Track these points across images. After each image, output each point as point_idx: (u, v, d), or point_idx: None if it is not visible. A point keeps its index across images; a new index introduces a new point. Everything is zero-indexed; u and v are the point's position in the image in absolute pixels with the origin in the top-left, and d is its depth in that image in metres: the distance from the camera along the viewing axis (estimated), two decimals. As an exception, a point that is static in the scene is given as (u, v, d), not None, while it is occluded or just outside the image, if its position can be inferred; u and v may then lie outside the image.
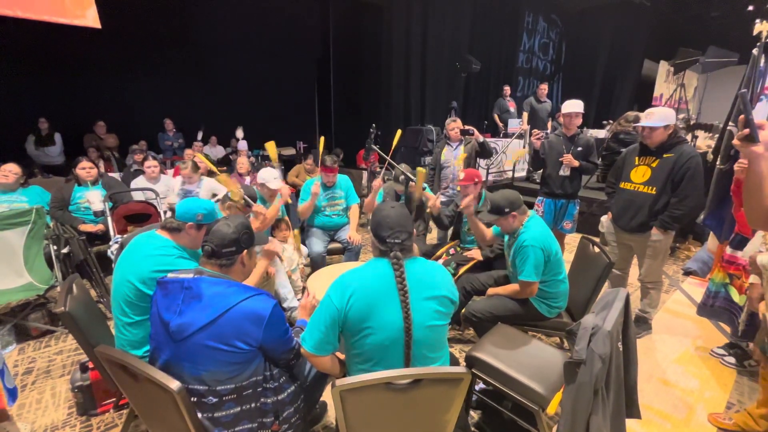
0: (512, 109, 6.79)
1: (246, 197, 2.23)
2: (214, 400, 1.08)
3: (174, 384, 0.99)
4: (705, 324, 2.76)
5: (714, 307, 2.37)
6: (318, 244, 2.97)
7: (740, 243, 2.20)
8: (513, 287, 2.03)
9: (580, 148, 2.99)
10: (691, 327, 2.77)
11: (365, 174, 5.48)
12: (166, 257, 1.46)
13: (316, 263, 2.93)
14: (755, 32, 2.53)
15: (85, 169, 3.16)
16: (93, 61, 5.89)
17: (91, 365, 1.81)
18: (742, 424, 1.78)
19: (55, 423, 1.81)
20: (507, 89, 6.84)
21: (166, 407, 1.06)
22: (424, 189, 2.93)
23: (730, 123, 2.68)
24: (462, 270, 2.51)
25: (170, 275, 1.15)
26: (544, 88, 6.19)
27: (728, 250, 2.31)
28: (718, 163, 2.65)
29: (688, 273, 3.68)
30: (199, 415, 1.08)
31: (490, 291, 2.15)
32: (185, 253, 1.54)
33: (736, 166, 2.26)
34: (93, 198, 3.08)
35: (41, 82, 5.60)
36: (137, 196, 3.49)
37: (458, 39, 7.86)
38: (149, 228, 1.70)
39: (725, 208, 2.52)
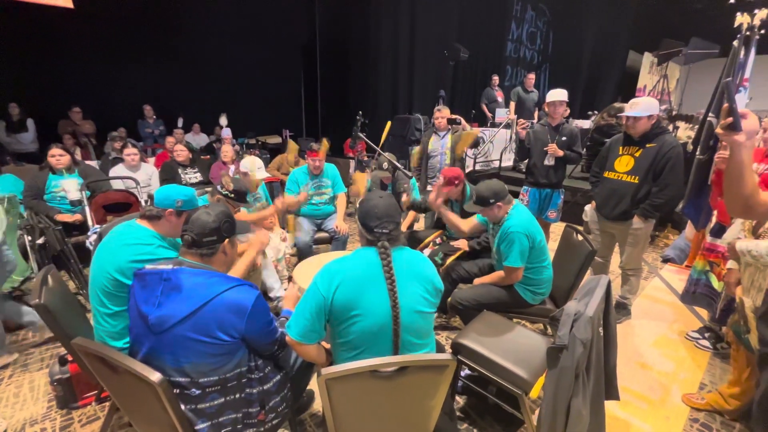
0: (500, 98, 6.79)
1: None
2: (197, 392, 1.07)
3: (155, 376, 0.97)
4: (681, 309, 2.86)
5: (696, 293, 2.46)
6: (305, 233, 2.94)
7: (719, 231, 2.28)
8: (498, 274, 2.05)
9: (564, 138, 3.01)
10: (668, 312, 2.86)
11: (352, 163, 5.43)
12: (146, 246, 1.42)
13: (302, 252, 2.91)
14: (736, 24, 2.57)
15: (55, 156, 3.00)
16: (67, 43, 5.60)
17: (70, 358, 1.77)
18: (713, 404, 1.86)
19: (34, 417, 1.77)
20: (495, 79, 6.83)
21: (148, 400, 1.04)
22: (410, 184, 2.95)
23: (710, 114, 2.73)
24: (449, 260, 2.52)
25: (148, 266, 1.12)
26: (531, 77, 6.20)
27: (708, 238, 2.39)
28: (697, 153, 2.71)
29: (666, 260, 3.79)
30: (183, 406, 1.07)
31: (477, 281, 2.18)
32: (165, 243, 1.50)
33: (716, 157, 2.31)
34: (69, 187, 2.97)
35: (10, 65, 5.31)
36: (117, 185, 3.38)
37: (446, 27, 7.78)
38: (129, 218, 1.65)
39: (703, 197, 2.58)
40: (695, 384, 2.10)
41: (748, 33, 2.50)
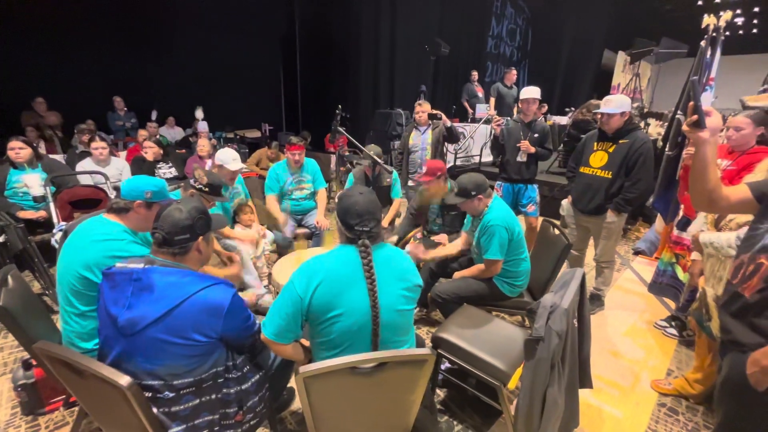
0: (480, 94, 6.86)
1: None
2: (171, 394, 1.03)
3: (123, 380, 0.93)
4: (651, 299, 2.99)
5: (662, 284, 2.58)
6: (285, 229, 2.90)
7: (686, 224, 2.38)
8: (478, 267, 2.08)
9: (536, 135, 3.09)
10: (639, 302, 2.98)
11: (333, 158, 5.37)
12: (117, 242, 1.35)
13: (282, 249, 2.87)
14: (703, 25, 2.67)
15: (14, 150, 2.83)
16: (31, 29, 5.27)
17: (34, 362, 1.68)
18: (679, 388, 1.96)
19: (-4, 425, 1.68)
20: (474, 74, 6.89)
21: (117, 404, 1.00)
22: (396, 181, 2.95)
23: (679, 112, 2.84)
24: (430, 254, 2.53)
25: (118, 265, 1.06)
26: (513, 73, 6.26)
27: (675, 231, 2.49)
28: (666, 149, 2.81)
29: (637, 252, 3.94)
30: (155, 410, 1.03)
31: (457, 274, 2.20)
32: (137, 238, 1.44)
33: (684, 153, 2.41)
34: (31, 182, 2.81)
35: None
36: (85, 180, 3.22)
37: (428, 21, 7.77)
38: (97, 213, 1.57)
39: (672, 191, 2.69)
40: (663, 370, 2.20)
41: (714, 34, 2.60)
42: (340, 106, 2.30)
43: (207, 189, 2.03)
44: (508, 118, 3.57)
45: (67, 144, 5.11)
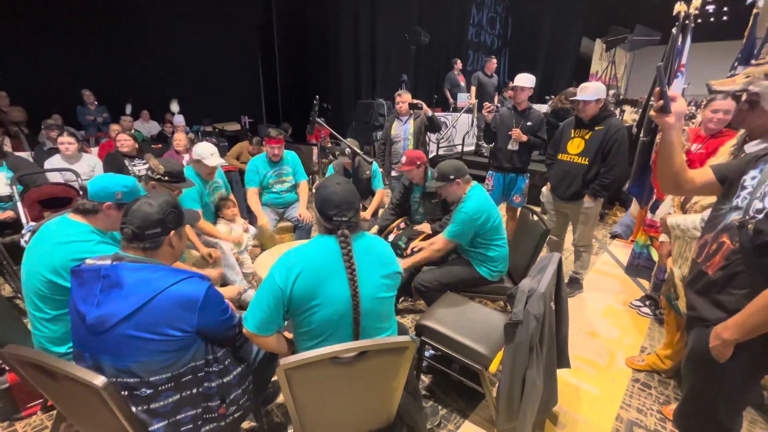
0: (462, 83, 6.86)
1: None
2: (149, 391, 1.01)
3: (98, 380, 0.90)
4: (627, 280, 3.10)
5: (638, 266, 2.67)
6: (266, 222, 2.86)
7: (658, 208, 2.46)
8: (432, 246, 2.12)
9: (530, 123, 3.01)
10: (615, 284, 3.09)
11: (315, 149, 5.31)
12: (84, 243, 1.31)
13: (265, 243, 2.83)
14: (674, 12, 2.73)
15: None
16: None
17: (7, 367, 1.63)
18: (651, 364, 2.05)
19: (-30, 433, 1.63)
20: (458, 63, 6.87)
21: (94, 405, 0.98)
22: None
23: (652, 98, 2.91)
24: (413, 244, 2.55)
25: (87, 262, 1.03)
26: (493, 62, 6.27)
27: (649, 214, 2.58)
28: (641, 135, 2.89)
29: (614, 236, 4.07)
30: (134, 408, 1.01)
31: (405, 262, 2.16)
32: (107, 238, 1.39)
33: (658, 139, 2.48)
34: (-4, 181, 2.69)
35: None
36: (54, 177, 3.09)
37: (408, 9, 7.68)
38: (62, 213, 1.51)
39: (646, 176, 2.78)
40: (637, 348, 2.29)
41: (686, 21, 2.67)
42: (317, 96, 2.25)
43: (167, 177, 1.96)
44: (498, 105, 3.56)
45: (34, 140, 4.88)
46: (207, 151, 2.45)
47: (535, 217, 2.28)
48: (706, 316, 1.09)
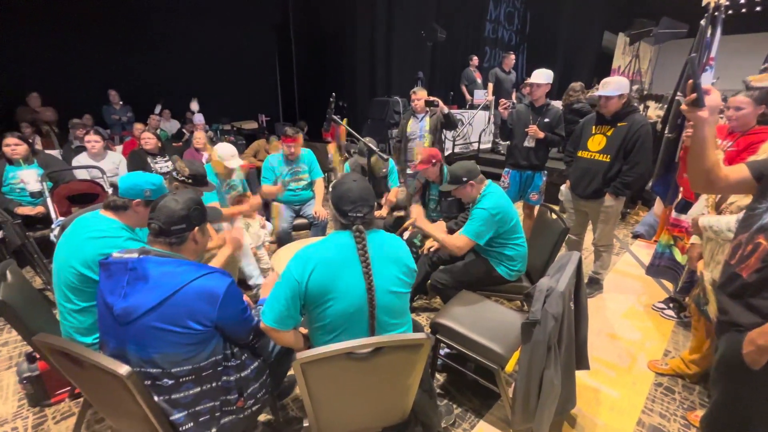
0: (479, 80, 6.76)
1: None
2: (170, 382, 1.04)
3: (123, 369, 0.94)
4: (649, 282, 3.00)
5: (660, 266, 2.58)
6: (282, 219, 2.90)
7: (684, 207, 2.37)
8: (451, 237, 2.03)
9: (547, 120, 2.93)
10: (637, 285, 3.00)
11: (330, 147, 5.33)
12: (114, 239, 1.35)
13: (282, 239, 2.87)
14: (704, 3, 2.61)
15: (10, 146, 2.82)
16: (23, 23, 5.18)
17: (38, 355, 1.71)
18: (675, 368, 1.98)
19: (4, 417, 1.71)
20: (475, 59, 6.77)
21: (118, 394, 1.01)
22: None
23: (678, 93, 2.80)
24: (428, 243, 2.54)
25: (114, 255, 1.07)
26: (511, 58, 6.15)
27: (673, 213, 2.49)
28: (666, 131, 2.79)
29: (636, 236, 3.95)
30: (156, 398, 1.05)
31: (427, 227, 2.09)
32: (135, 235, 1.44)
33: (684, 135, 2.38)
34: (28, 178, 2.81)
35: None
36: (81, 174, 3.21)
37: (424, 6, 7.62)
38: (93, 209, 1.57)
39: (671, 174, 2.68)
40: (660, 351, 2.22)
41: (715, 13, 2.55)
42: (333, 94, 2.26)
43: (191, 180, 2.01)
44: (514, 101, 3.49)
45: (64, 139, 5.08)
46: (228, 153, 2.51)
47: (554, 215, 2.23)
48: (740, 320, 1.04)
